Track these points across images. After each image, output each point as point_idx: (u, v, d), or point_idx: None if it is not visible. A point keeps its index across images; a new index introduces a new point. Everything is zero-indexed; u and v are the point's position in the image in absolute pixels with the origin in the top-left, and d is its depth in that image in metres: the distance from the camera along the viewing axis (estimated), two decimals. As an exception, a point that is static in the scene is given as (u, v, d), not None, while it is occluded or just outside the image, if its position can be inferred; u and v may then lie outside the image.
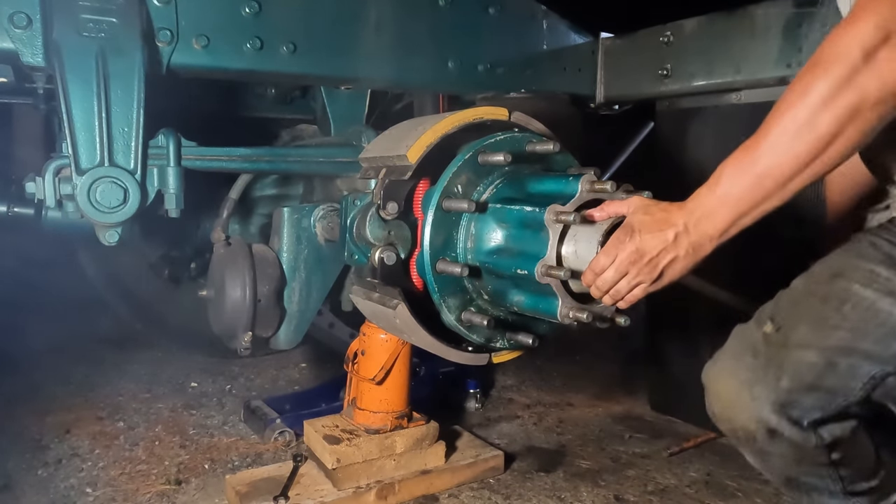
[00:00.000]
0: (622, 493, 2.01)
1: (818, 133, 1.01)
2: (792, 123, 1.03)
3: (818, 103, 1.00)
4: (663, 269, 1.18)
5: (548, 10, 2.34)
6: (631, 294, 1.23)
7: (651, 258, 1.17)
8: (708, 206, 1.13)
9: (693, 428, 2.47)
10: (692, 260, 1.17)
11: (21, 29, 1.54)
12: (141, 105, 1.60)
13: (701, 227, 1.14)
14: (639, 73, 2.39)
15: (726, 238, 1.14)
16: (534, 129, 1.63)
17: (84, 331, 3.41)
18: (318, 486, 1.88)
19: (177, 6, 1.70)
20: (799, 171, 1.04)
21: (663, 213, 1.17)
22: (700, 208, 1.14)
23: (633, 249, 1.18)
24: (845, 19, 1.01)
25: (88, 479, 2.04)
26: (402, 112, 2.60)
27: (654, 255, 1.17)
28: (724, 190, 1.11)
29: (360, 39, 1.98)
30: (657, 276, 1.19)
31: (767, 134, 1.06)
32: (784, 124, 1.04)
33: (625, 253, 1.18)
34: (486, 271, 1.50)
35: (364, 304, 1.67)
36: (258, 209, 2.41)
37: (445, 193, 1.47)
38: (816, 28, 1.92)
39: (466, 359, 1.57)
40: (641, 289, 1.22)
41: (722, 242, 1.15)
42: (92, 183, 1.56)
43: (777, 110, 1.05)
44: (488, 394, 2.81)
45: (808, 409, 1.15)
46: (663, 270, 1.19)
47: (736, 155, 1.10)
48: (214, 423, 2.48)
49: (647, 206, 1.21)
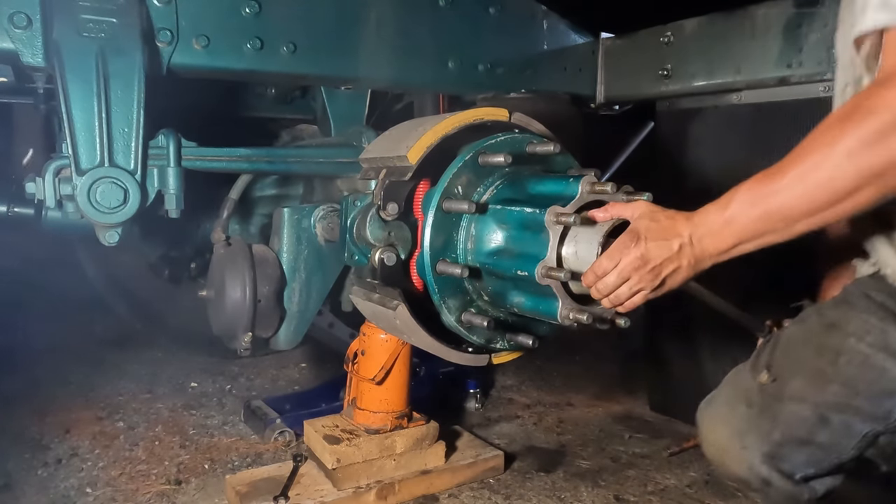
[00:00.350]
0: (622, 493, 2.01)
1: (838, 185, 1.00)
2: (814, 170, 1.02)
3: (844, 156, 0.98)
4: (665, 277, 1.18)
5: (548, 10, 2.34)
6: (631, 301, 1.22)
7: (654, 266, 1.16)
8: (714, 224, 1.12)
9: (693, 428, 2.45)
10: (692, 272, 1.17)
11: (21, 29, 1.54)
12: (141, 105, 1.60)
13: (704, 243, 1.13)
14: (639, 73, 2.39)
15: (725, 258, 1.14)
16: (534, 130, 1.63)
17: (84, 331, 3.41)
18: (318, 486, 1.88)
19: (177, 6, 1.70)
20: (810, 215, 1.04)
21: (669, 222, 1.17)
22: (705, 224, 1.13)
23: (637, 255, 1.17)
24: (882, 79, 1.00)
25: (88, 479, 2.04)
26: (402, 112, 2.60)
27: (657, 264, 1.16)
28: (733, 214, 1.10)
29: (360, 39, 1.97)
30: (658, 284, 1.19)
31: (786, 173, 1.05)
32: (805, 169, 1.03)
33: (629, 258, 1.17)
34: (486, 272, 1.50)
35: (364, 305, 1.67)
36: (258, 209, 2.41)
37: (446, 194, 1.47)
38: (816, 28, 1.92)
39: (466, 359, 1.57)
40: (641, 296, 1.21)
41: (720, 262, 1.16)
42: (92, 183, 1.55)
43: (801, 153, 1.04)
44: (488, 394, 2.82)
45: (800, 464, 1.17)
46: (665, 279, 1.18)
47: (751, 184, 1.09)
48: (214, 423, 2.48)
49: (653, 213, 1.20)
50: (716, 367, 2.41)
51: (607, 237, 1.26)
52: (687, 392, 2.53)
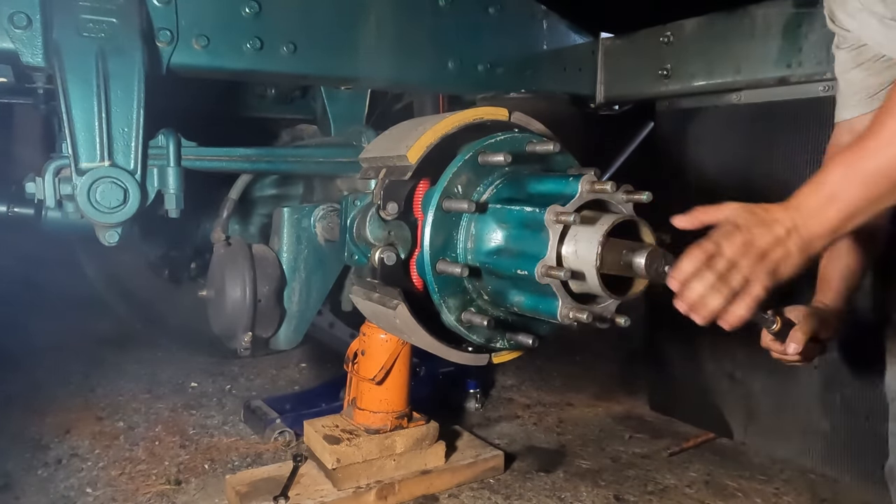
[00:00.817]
0: (622, 493, 2.01)
1: None
2: None
3: None
4: (777, 264, 1.06)
5: (548, 10, 2.34)
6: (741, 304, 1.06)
7: (762, 251, 1.05)
8: (815, 204, 1.06)
9: (693, 428, 2.47)
10: (804, 257, 1.07)
11: (21, 29, 1.54)
12: (141, 105, 1.60)
13: (810, 226, 1.06)
14: (639, 73, 2.39)
15: (838, 237, 1.08)
16: (534, 130, 1.63)
17: (84, 330, 3.42)
18: (318, 486, 1.88)
19: (177, 6, 1.70)
20: None
21: (766, 213, 1.08)
22: (806, 207, 1.06)
23: (741, 242, 1.05)
24: None
25: (88, 479, 2.04)
26: (402, 112, 2.60)
27: (764, 248, 1.05)
28: (833, 190, 1.05)
29: (359, 39, 1.97)
30: (770, 273, 1.06)
31: (880, 134, 1.02)
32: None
33: (733, 246, 1.05)
34: (486, 272, 1.50)
35: (364, 305, 1.67)
36: (258, 209, 2.41)
37: (445, 194, 1.47)
38: (816, 28, 1.92)
39: (466, 359, 1.57)
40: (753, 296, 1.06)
41: (832, 242, 1.09)
42: (92, 183, 1.55)
43: (891, 111, 1.02)
44: (488, 394, 2.81)
45: None
46: (777, 267, 1.06)
47: (844, 155, 1.06)
48: (214, 423, 2.48)
49: (746, 206, 1.10)
50: (716, 367, 2.41)
51: (607, 235, 1.26)
52: (687, 392, 2.53)
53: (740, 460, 2.23)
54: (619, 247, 1.28)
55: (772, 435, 2.26)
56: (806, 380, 2.14)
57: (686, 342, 2.48)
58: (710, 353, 2.43)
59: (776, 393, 2.23)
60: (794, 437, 2.19)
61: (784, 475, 2.12)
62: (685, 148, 2.40)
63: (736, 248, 1.05)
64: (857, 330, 1.62)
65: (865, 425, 2.00)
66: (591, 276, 1.28)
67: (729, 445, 2.35)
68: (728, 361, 2.37)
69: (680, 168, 2.39)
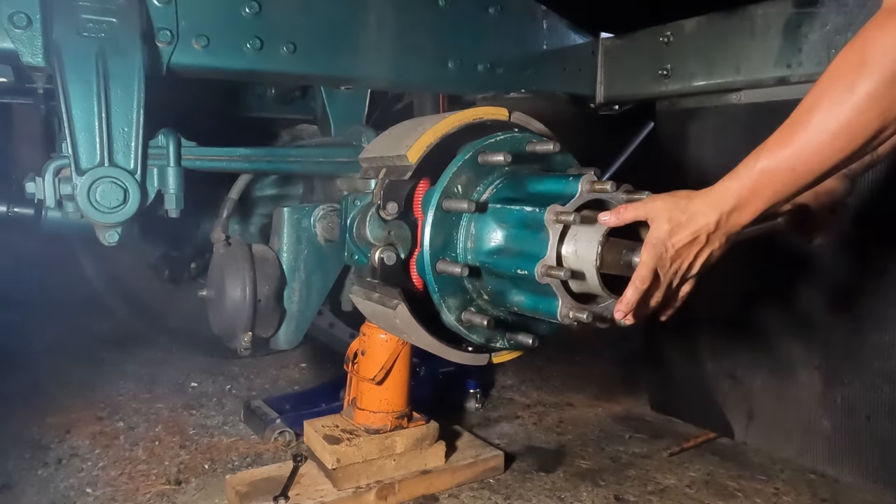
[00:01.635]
0: (622, 493, 2.01)
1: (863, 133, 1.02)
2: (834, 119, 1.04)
3: (865, 101, 1.00)
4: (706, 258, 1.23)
5: (548, 10, 2.34)
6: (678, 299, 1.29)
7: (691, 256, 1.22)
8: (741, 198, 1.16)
9: (693, 428, 2.47)
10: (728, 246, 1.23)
11: (21, 29, 1.54)
12: (141, 105, 1.60)
13: (733, 219, 1.17)
14: (639, 73, 2.39)
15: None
16: (534, 130, 1.63)
17: (84, 331, 3.41)
18: (318, 486, 1.88)
19: (177, 6, 1.70)
20: (838, 161, 1.07)
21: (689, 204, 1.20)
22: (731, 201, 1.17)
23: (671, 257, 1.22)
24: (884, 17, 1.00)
25: (88, 479, 2.04)
26: (402, 112, 2.60)
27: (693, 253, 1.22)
28: (759, 183, 1.13)
29: (359, 39, 1.98)
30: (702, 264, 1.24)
31: (807, 126, 1.07)
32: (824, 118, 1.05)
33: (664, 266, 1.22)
34: (486, 271, 1.50)
35: (364, 305, 1.67)
36: (258, 209, 2.41)
37: (445, 193, 1.47)
38: (816, 28, 1.92)
39: (466, 359, 1.57)
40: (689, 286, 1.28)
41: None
42: (92, 183, 1.56)
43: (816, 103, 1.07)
44: (488, 394, 2.81)
45: None
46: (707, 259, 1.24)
47: (770, 148, 1.12)
48: (214, 423, 2.48)
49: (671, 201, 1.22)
50: (716, 366, 2.41)
51: (607, 235, 1.26)
52: (687, 392, 2.53)
53: (740, 460, 2.23)
54: (618, 246, 1.28)
55: (772, 435, 2.26)
56: (806, 379, 2.14)
57: (686, 342, 2.48)
58: (710, 353, 2.43)
59: (776, 392, 2.23)
60: (795, 436, 2.19)
61: (784, 475, 2.12)
62: (685, 148, 2.40)
63: (668, 268, 1.21)
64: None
65: (866, 425, 2.00)
66: (591, 276, 1.29)
67: (729, 445, 2.35)
68: (728, 361, 2.37)
69: (680, 168, 2.39)
